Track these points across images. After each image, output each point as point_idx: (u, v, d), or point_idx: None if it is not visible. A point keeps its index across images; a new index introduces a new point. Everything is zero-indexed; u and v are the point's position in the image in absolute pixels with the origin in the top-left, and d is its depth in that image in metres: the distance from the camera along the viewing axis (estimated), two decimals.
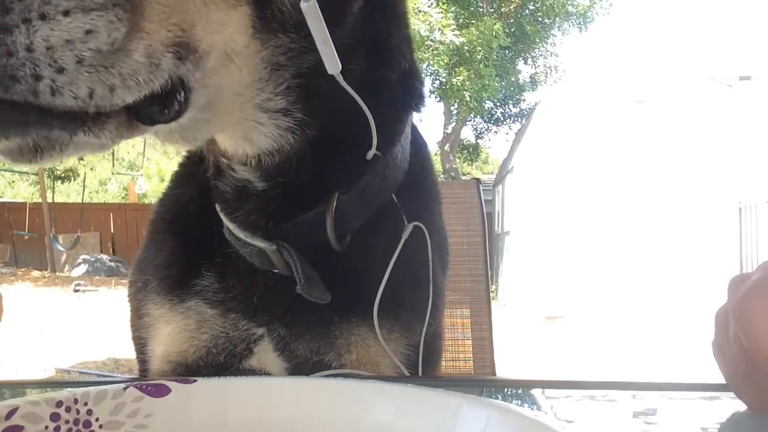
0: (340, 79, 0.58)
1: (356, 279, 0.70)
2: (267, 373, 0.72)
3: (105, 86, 0.43)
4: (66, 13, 0.39)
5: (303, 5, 0.53)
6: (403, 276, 0.71)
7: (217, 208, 0.71)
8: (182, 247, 0.76)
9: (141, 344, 0.78)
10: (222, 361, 0.72)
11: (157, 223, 0.81)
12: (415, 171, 0.77)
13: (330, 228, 0.67)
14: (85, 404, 0.42)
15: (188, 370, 0.73)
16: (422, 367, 0.74)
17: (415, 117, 0.78)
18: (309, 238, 0.67)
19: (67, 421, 0.40)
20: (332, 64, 0.57)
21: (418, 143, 0.81)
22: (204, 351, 0.72)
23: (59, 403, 0.41)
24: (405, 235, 0.72)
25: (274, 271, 0.68)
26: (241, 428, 0.45)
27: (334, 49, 0.56)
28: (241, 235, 0.68)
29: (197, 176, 0.76)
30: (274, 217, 0.67)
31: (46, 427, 0.39)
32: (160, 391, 0.44)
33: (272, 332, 0.70)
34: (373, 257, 0.71)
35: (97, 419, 0.42)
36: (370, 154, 0.68)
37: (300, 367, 0.70)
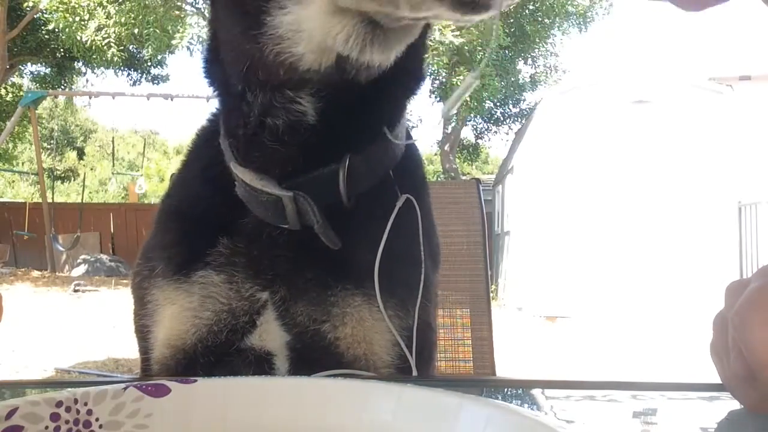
0: None
1: (353, 245, 0.72)
2: (267, 351, 0.73)
3: None
4: None
5: None
6: (396, 251, 0.73)
7: (231, 165, 0.73)
8: (191, 224, 0.78)
9: (144, 333, 0.79)
10: (223, 340, 0.73)
11: (163, 211, 0.83)
12: (408, 157, 0.80)
13: (343, 184, 0.70)
14: (85, 404, 0.42)
15: (187, 354, 0.73)
16: (418, 354, 0.74)
17: (415, 118, 0.81)
18: (321, 193, 0.70)
19: (67, 421, 0.40)
20: None
21: (412, 144, 0.83)
22: (205, 330, 0.73)
23: (59, 403, 0.41)
24: (399, 203, 0.75)
25: (282, 227, 0.71)
26: (241, 428, 0.45)
27: None
28: (258, 184, 0.70)
29: (204, 159, 0.79)
30: (294, 168, 0.70)
31: (46, 427, 0.39)
32: (161, 391, 0.44)
33: (274, 294, 0.72)
34: (369, 227, 0.74)
35: (97, 419, 0.42)
36: (402, 133, 0.74)
37: (300, 338, 0.72)
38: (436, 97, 16.34)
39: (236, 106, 0.71)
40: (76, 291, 10.07)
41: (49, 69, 16.10)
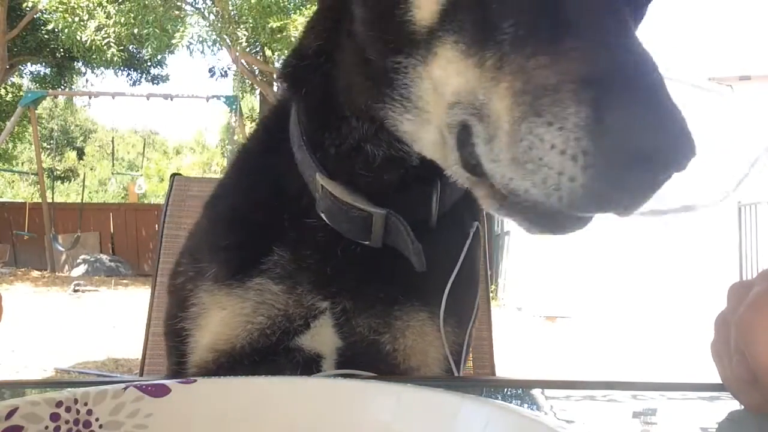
0: None
1: (428, 266, 0.72)
2: (317, 353, 0.73)
3: None
4: None
5: None
6: (460, 273, 0.75)
7: (318, 176, 0.71)
8: (249, 230, 0.77)
9: (182, 337, 0.77)
10: (273, 342, 0.73)
11: (217, 213, 0.81)
12: None
13: (435, 205, 0.71)
14: (85, 404, 0.42)
15: (232, 357, 0.73)
16: (462, 365, 0.78)
17: None
18: (410, 213, 0.71)
19: (67, 421, 0.40)
20: None
21: None
22: (257, 334, 0.73)
23: (59, 403, 0.41)
24: (473, 230, 0.77)
25: (362, 242, 0.71)
26: (242, 428, 0.45)
27: None
28: (349, 198, 0.69)
29: (264, 166, 0.78)
30: (393, 188, 0.71)
31: (46, 427, 0.39)
32: (160, 391, 0.44)
33: (336, 306, 0.72)
34: (443, 249, 0.75)
35: (97, 419, 0.42)
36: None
37: (354, 345, 0.72)
38: None
39: (335, 125, 0.70)
40: (76, 291, 10.06)
41: (49, 69, 16.09)
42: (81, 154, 30.60)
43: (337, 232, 0.71)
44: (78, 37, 10.37)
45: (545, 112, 0.45)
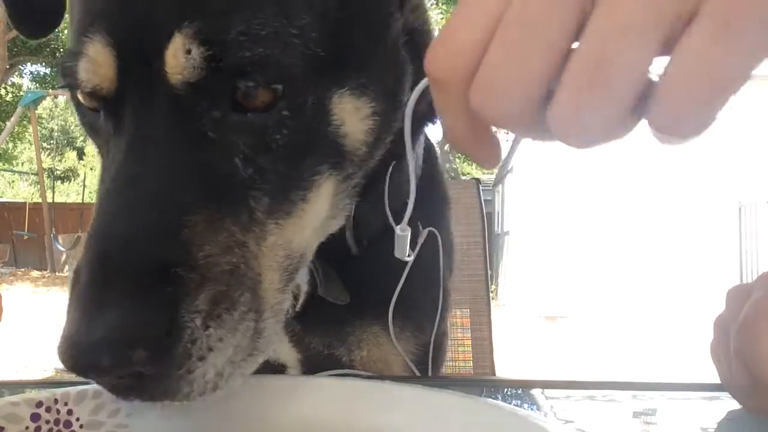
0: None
1: (372, 281, 0.72)
2: (281, 364, 0.73)
3: (250, 367, 0.47)
4: (221, 340, 0.43)
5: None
6: (415, 278, 0.73)
7: None
8: None
9: None
10: None
11: None
12: (427, 177, 0.78)
13: (349, 235, 0.69)
14: (65, 404, 0.42)
15: None
16: (431, 364, 0.77)
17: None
18: (329, 243, 0.67)
19: (47, 422, 0.40)
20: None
21: (428, 143, 0.82)
22: None
23: (39, 404, 0.41)
24: (420, 241, 0.74)
25: None
26: (222, 427, 0.45)
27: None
28: None
29: None
30: None
31: (27, 428, 0.39)
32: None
33: (287, 327, 0.71)
34: (388, 261, 0.71)
35: (77, 419, 0.42)
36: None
37: (312, 359, 0.72)
38: None
39: None
40: None
41: (49, 69, 16.10)
42: (81, 154, 30.59)
43: None
44: None
45: None
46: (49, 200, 12.97)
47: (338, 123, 0.52)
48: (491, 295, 1.55)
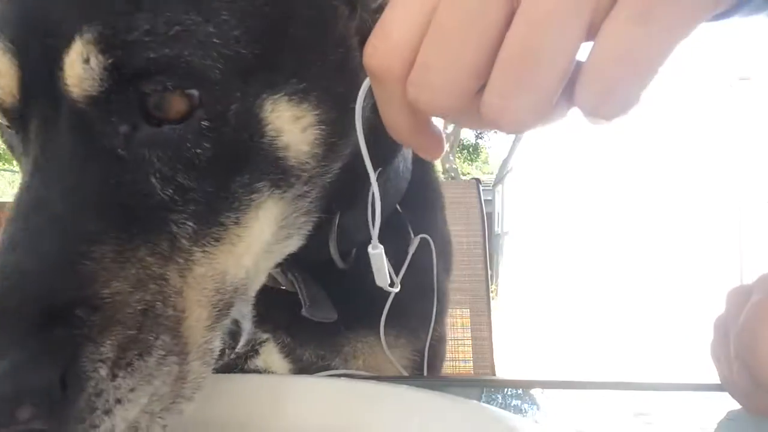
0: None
1: (364, 291, 0.69)
2: (274, 373, 0.72)
3: (173, 416, 0.41)
4: (133, 390, 0.38)
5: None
6: (409, 285, 0.71)
7: None
8: None
9: None
10: (226, 361, 0.72)
11: None
12: (418, 179, 0.76)
13: (333, 248, 0.65)
14: None
15: None
16: (428, 370, 0.75)
17: None
18: (315, 257, 0.65)
19: None
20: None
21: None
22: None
23: None
24: (411, 250, 0.72)
25: (281, 287, 0.67)
26: (200, 429, 0.44)
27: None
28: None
29: None
30: None
31: None
32: None
33: (277, 339, 0.70)
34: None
35: None
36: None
37: (305, 370, 0.70)
38: None
39: None
40: None
41: None
42: None
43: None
44: None
45: None
46: None
47: (274, 134, 0.47)
48: (491, 295, 1.55)
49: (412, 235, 0.73)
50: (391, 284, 0.50)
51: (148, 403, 0.39)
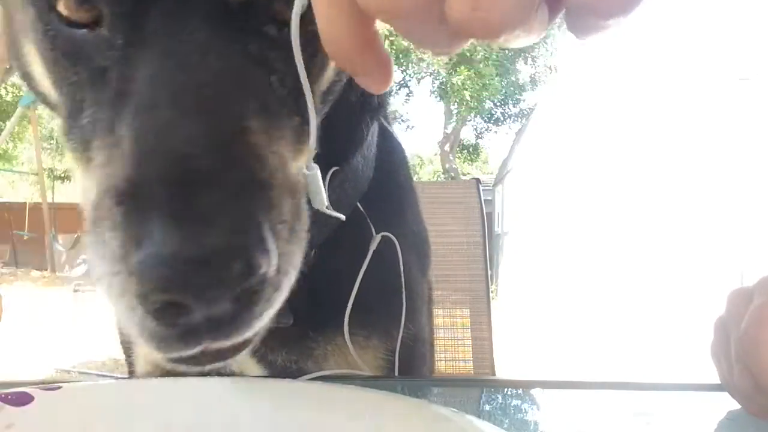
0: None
1: (327, 293, 0.68)
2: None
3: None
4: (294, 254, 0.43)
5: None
6: (375, 284, 0.70)
7: None
8: None
9: (126, 348, 0.79)
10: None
11: None
12: (383, 176, 0.75)
13: None
14: None
15: (169, 373, 0.72)
16: (405, 371, 0.74)
17: (405, 122, 0.76)
18: None
19: None
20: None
21: (389, 147, 0.80)
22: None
23: None
24: (372, 247, 0.71)
25: None
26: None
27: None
28: None
29: None
30: None
31: None
32: (22, 400, 0.42)
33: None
34: (341, 270, 0.70)
35: None
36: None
37: (281, 373, 0.70)
38: (436, 97, 16.32)
39: None
40: (76, 291, 10.05)
41: None
42: None
43: None
44: None
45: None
46: (49, 200, 12.94)
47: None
48: (491, 295, 1.55)
49: (374, 233, 0.72)
50: (328, 207, 0.50)
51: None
